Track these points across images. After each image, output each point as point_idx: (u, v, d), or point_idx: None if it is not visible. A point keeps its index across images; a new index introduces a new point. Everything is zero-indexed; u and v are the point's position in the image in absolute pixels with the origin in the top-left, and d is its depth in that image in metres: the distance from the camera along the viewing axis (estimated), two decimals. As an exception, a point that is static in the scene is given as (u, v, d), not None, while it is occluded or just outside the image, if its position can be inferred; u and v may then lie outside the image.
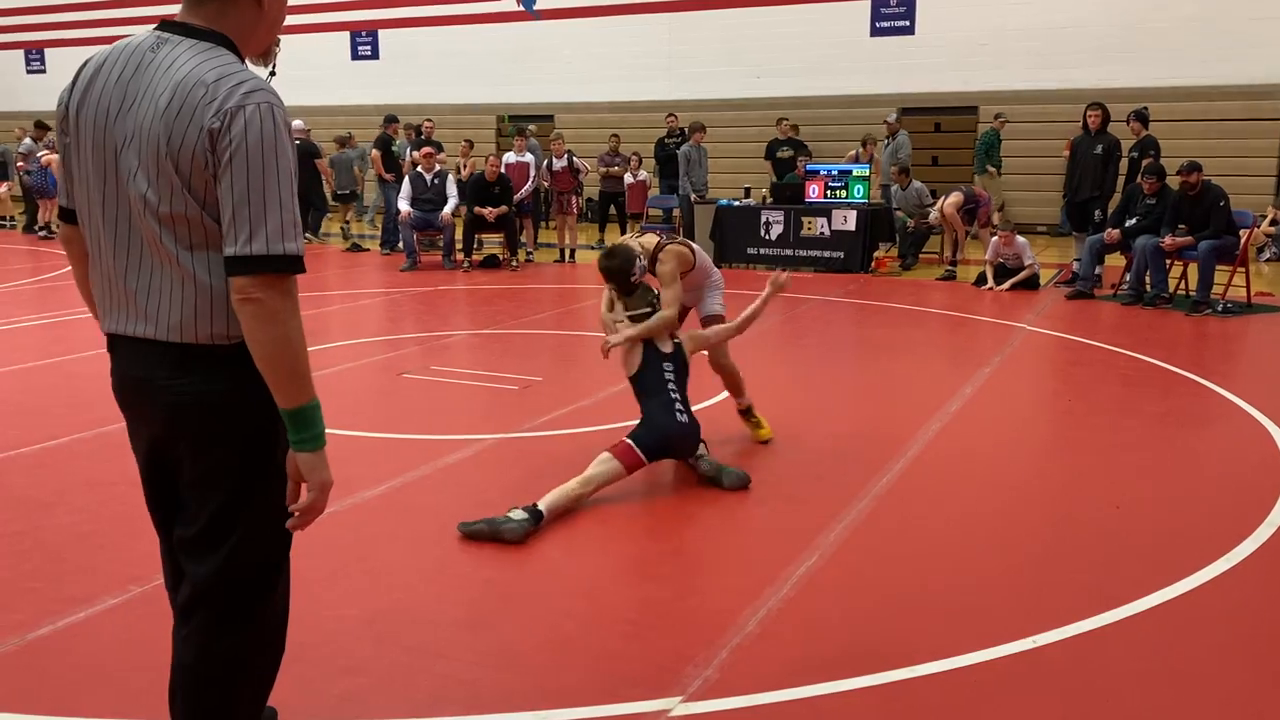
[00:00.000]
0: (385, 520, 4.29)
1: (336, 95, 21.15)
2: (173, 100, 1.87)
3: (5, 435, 5.39)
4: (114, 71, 1.96)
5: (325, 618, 3.36)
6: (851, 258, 12.16)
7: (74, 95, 2.01)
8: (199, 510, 2.04)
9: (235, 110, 1.85)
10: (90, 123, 1.97)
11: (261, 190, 1.86)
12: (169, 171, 1.88)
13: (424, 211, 12.80)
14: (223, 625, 2.09)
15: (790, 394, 6.58)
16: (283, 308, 1.88)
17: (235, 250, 1.87)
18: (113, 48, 2.02)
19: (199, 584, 2.06)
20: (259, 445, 2.04)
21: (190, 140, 1.86)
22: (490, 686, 2.96)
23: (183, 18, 1.99)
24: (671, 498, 4.58)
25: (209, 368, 1.97)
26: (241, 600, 2.09)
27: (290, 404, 1.94)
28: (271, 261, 1.87)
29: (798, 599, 3.52)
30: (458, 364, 7.34)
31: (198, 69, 1.88)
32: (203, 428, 1.99)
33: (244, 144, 1.85)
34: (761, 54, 17.70)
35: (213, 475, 2.02)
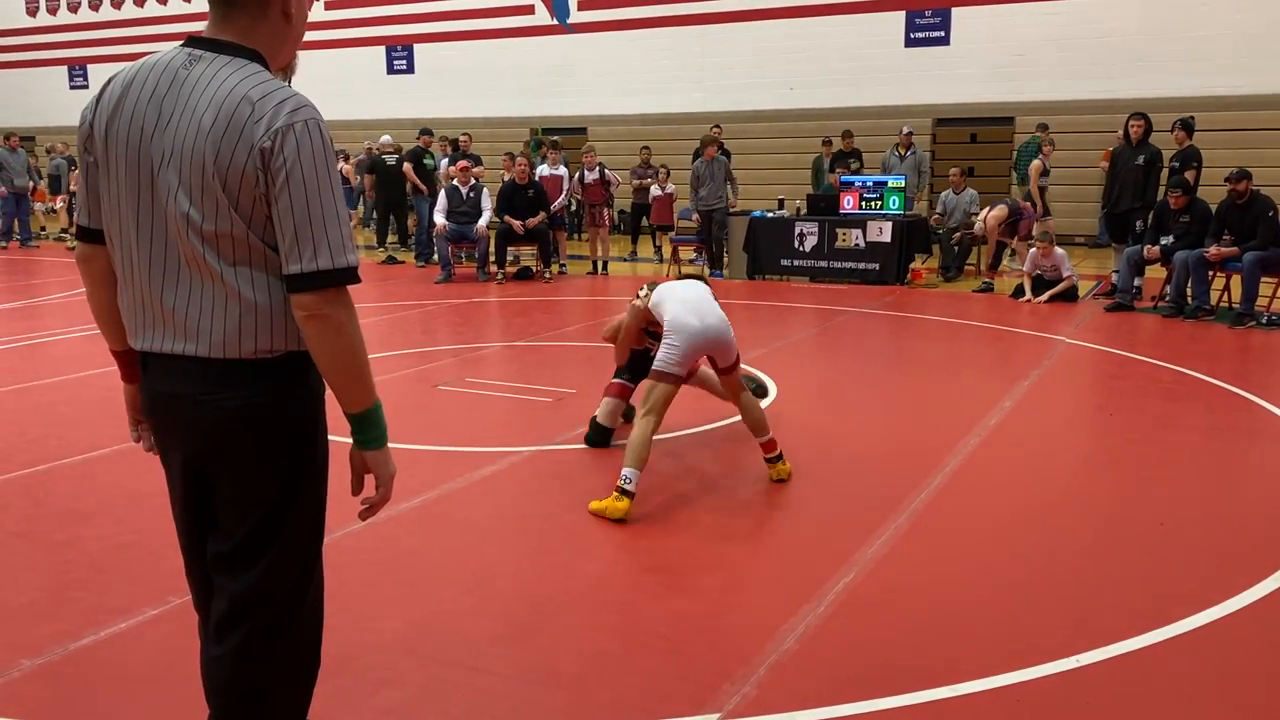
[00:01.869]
0: (422, 533, 4.30)
1: (372, 109, 21.36)
2: (218, 118, 1.87)
3: (49, 446, 5.46)
4: (146, 88, 1.94)
5: (363, 630, 3.37)
6: (887, 269, 12.08)
7: (100, 112, 2.00)
8: (236, 525, 2.03)
9: (285, 129, 1.86)
10: (123, 140, 1.95)
11: (320, 207, 1.89)
12: (215, 190, 1.88)
13: (459, 224, 12.88)
14: (260, 641, 2.08)
15: (826, 407, 6.54)
16: (347, 319, 1.93)
17: (301, 268, 1.88)
18: (140, 65, 2.01)
19: (236, 599, 2.06)
20: (299, 458, 2.05)
21: (240, 159, 1.86)
22: (527, 702, 2.95)
23: (212, 34, 1.98)
24: (707, 512, 4.56)
25: (251, 383, 1.97)
26: (278, 614, 2.09)
27: (357, 408, 2.01)
28: (335, 275, 1.90)
29: (836, 615, 3.48)
30: (492, 376, 7.36)
31: (240, 86, 1.89)
32: (244, 442, 1.99)
33: (298, 163, 1.87)
34: (794, 66, 17.68)
35: (252, 489, 2.02)
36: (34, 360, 7.91)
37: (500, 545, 4.20)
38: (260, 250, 1.93)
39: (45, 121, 24.07)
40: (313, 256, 1.88)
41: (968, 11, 16.55)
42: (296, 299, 1.91)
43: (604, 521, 4.37)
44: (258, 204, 1.90)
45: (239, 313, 1.93)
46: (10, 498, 4.68)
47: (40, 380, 7.12)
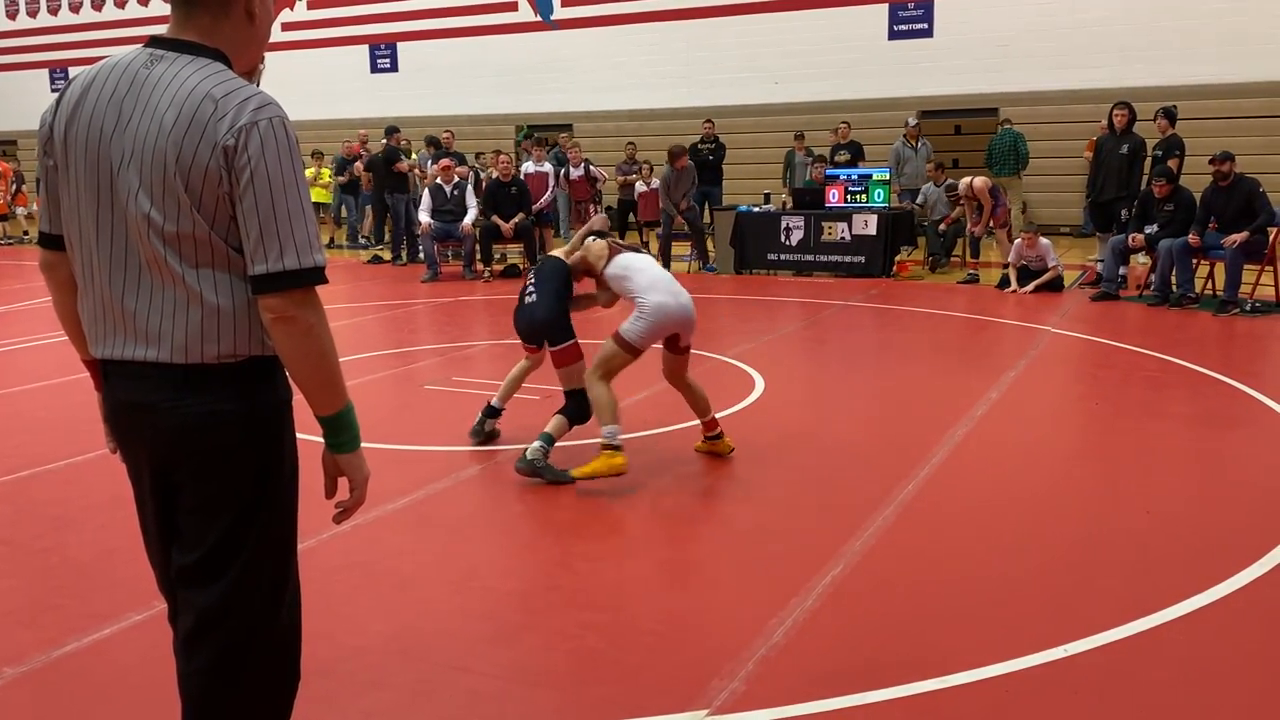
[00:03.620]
0: (408, 533, 4.28)
1: (356, 108, 21.25)
2: (180, 116, 1.83)
3: (32, 451, 5.42)
4: (105, 89, 1.91)
5: (350, 633, 3.35)
6: (872, 262, 12.09)
7: (59, 115, 1.95)
8: (202, 536, 1.97)
9: (249, 127, 1.83)
10: (82, 142, 1.91)
11: (285, 206, 1.85)
12: (177, 190, 1.84)
13: (444, 223, 12.84)
14: (231, 656, 2.01)
15: (813, 400, 6.54)
16: (316, 321, 1.90)
17: (267, 268, 1.84)
18: (100, 66, 1.96)
19: (203, 614, 1.99)
20: (265, 466, 2.00)
21: (203, 157, 1.83)
22: (516, 701, 2.94)
23: (174, 34, 1.94)
24: (693, 507, 4.55)
25: (214, 388, 1.92)
26: (249, 628, 2.02)
27: (328, 411, 1.97)
28: (302, 276, 1.87)
29: (824, 609, 3.48)
30: (480, 374, 7.34)
31: (202, 84, 1.85)
32: (208, 449, 1.93)
33: (263, 161, 1.83)
34: (779, 60, 17.66)
35: (217, 498, 1.96)
36: (14, 365, 7.85)
37: (488, 544, 4.19)
38: (223, 252, 1.89)
39: (28, 124, 23.85)
40: (279, 256, 1.84)
41: (951, 3, 16.57)
42: (263, 301, 1.87)
43: (590, 519, 4.36)
44: (221, 204, 1.86)
45: (200, 316, 1.89)
46: (-7, 504, 4.64)
47: (21, 386, 7.06)
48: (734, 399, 6.30)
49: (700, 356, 7.63)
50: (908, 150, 14.43)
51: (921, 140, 14.48)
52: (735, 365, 7.34)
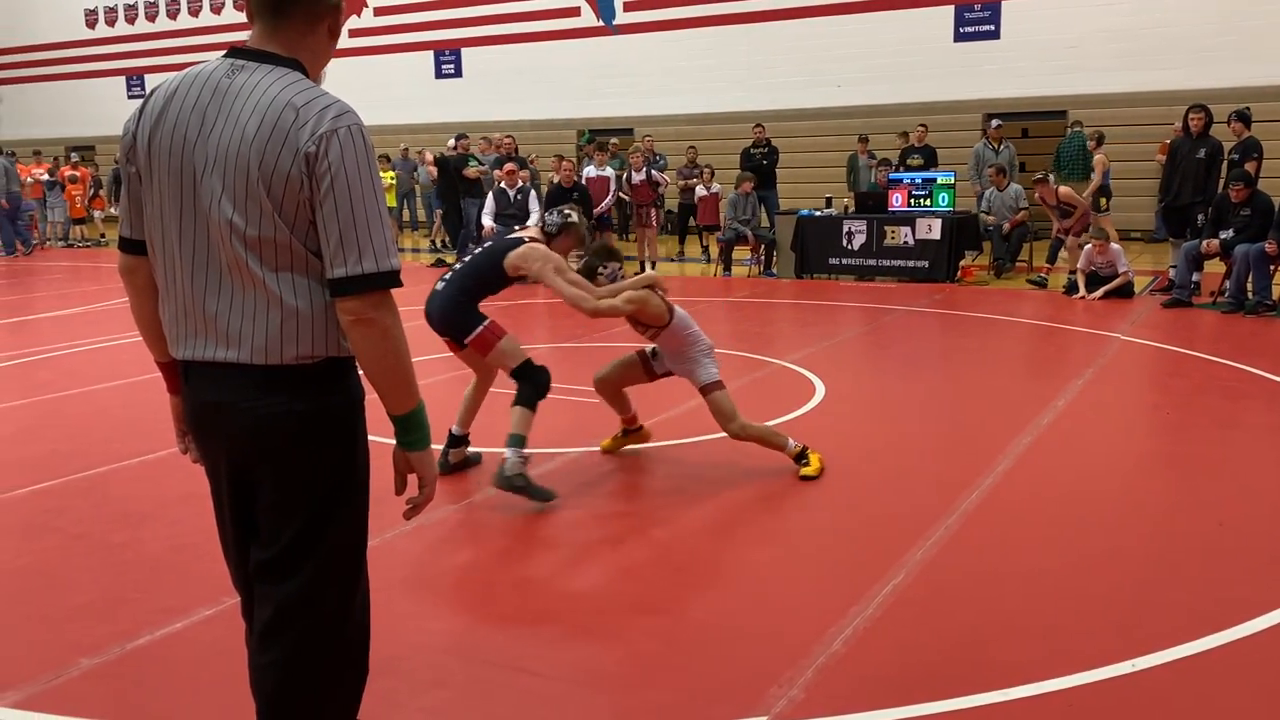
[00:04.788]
0: (469, 533, 4.33)
1: (420, 114, 21.55)
2: (262, 124, 1.88)
3: (108, 449, 5.58)
4: (189, 98, 1.96)
5: (410, 631, 3.40)
6: (937, 267, 11.94)
7: (143, 123, 2.01)
8: (279, 532, 2.03)
9: (329, 134, 1.88)
10: (165, 149, 1.97)
11: (364, 212, 1.90)
12: (259, 195, 1.89)
13: (507, 227, 12.93)
14: (305, 649, 2.07)
15: (875, 406, 6.48)
16: (392, 323, 1.95)
17: (346, 272, 1.90)
18: (183, 75, 2.02)
19: (280, 607, 2.05)
20: (340, 464, 2.06)
21: (285, 165, 1.88)
22: (573, 703, 2.96)
23: (257, 44, 2.00)
24: (751, 512, 4.53)
25: (293, 389, 1.98)
26: (324, 620, 2.08)
27: (401, 410, 2.02)
28: (379, 279, 1.92)
29: (885, 618, 3.45)
30: (540, 377, 7.37)
31: (284, 92, 1.90)
32: (285, 449, 1.99)
33: (342, 168, 1.88)
34: (841, 63, 17.53)
35: (294, 496, 2.02)
36: (92, 364, 8.09)
37: (546, 546, 4.22)
38: (303, 255, 1.94)
39: (105, 130, 24.59)
40: (357, 261, 1.89)
41: (1018, 4, 16.30)
42: (342, 303, 1.92)
43: (647, 523, 4.36)
44: (301, 209, 1.91)
45: (280, 318, 1.94)
46: (70, 500, 4.79)
47: (99, 384, 7.28)
48: (793, 404, 6.26)
49: (759, 361, 7.61)
50: (989, 152, 14.16)
51: (1005, 143, 14.20)
52: (795, 370, 7.29)
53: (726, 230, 13.44)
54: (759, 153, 14.95)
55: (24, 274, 15.29)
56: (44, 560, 4.07)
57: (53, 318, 10.83)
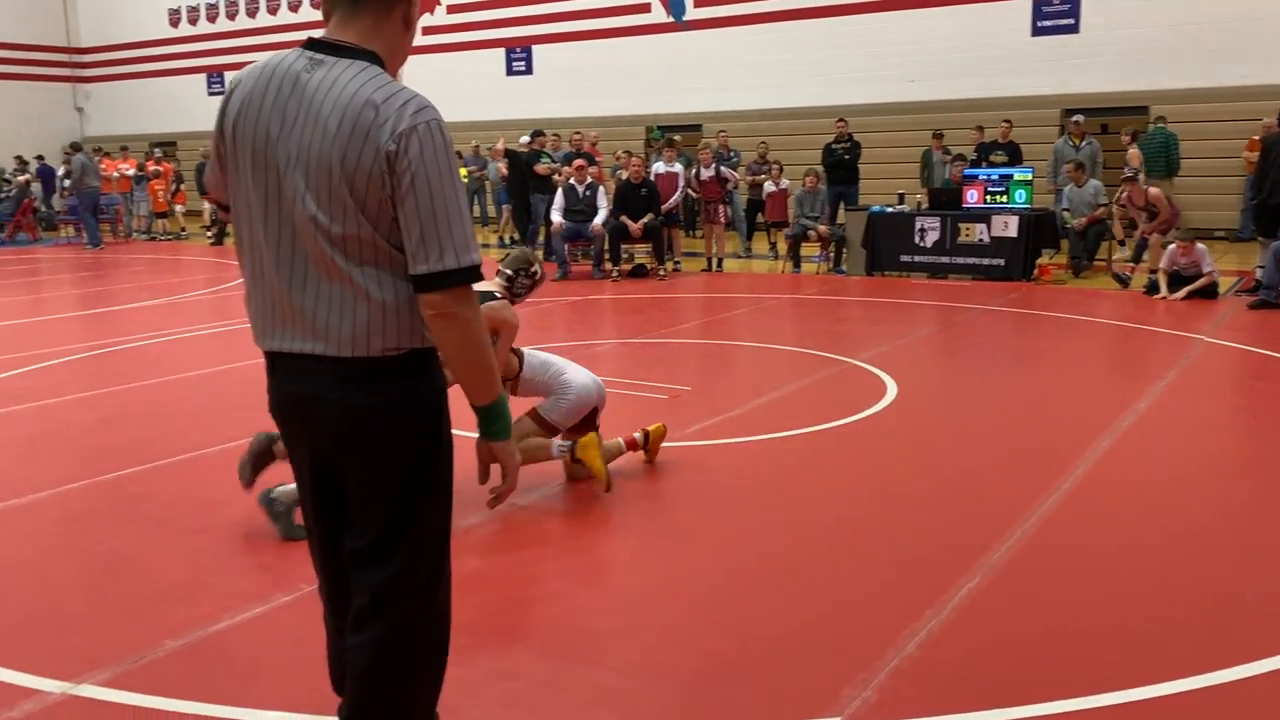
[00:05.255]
0: (537, 526, 4.35)
1: (491, 111, 21.73)
2: (343, 122, 1.89)
3: (188, 437, 5.73)
4: (269, 93, 1.98)
5: (484, 621, 3.42)
6: (1013, 265, 11.71)
7: (227, 116, 2.03)
8: (370, 521, 2.07)
9: (409, 131, 1.89)
10: (248, 145, 1.99)
11: (444, 208, 1.92)
12: (343, 194, 1.91)
13: (575, 223, 13.02)
14: (399, 631, 2.12)
15: (949, 407, 6.37)
16: (473, 316, 1.97)
17: (428, 268, 1.92)
18: (261, 68, 2.03)
19: (377, 592, 2.09)
20: (427, 453, 2.09)
21: (366, 162, 1.89)
22: (644, 698, 2.95)
23: (333, 35, 2.01)
24: (822, 512, 4.48)
25: (379, 380, 2.01)
26: (416, 604, 2.13)
27: (484, 400, 2.05)
28: (460, 274, 1.94)
29: (960, 621, 3.39)
30: (607, 372, 7.38)
31: (363, 89, 1.91)
32: (374, 440, 2.02)
33: (422, 165, 1.89)
34: (915, 57, 17.27)
35: (385, 485, 2.05)
36: (174, 354, 8.30)
37: (617, 539, 4.23)
38: (386, 251, 1.96)
39: (187, 126, 25.24)
40: (439, 257, 1.91)
41: (1098, -2, 15.91)
42: (424, 298, 1.94)
43: (716, 521, 4.35)
44: (384, 206, 1.92)
45: (368, 312, 1.96)
46: (152, 486, 4.92)
47: (180, 374, 7.47)
48: (865, 403, 6.19)
49: (830, 360, 7.54)
50: (1069, 148, 13.83)
51: (1088, 139, 13.85)
52: (867, 369, 7.21)
53: (794, 226, 13.34)
54: (841, 148, 14.75)
55: (109, 266, 15.77)
56: (129, 545, 4.19)
57: (135, 309, 11.14)
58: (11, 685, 3.03)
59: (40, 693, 2.99)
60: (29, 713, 2.89)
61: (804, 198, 13.27)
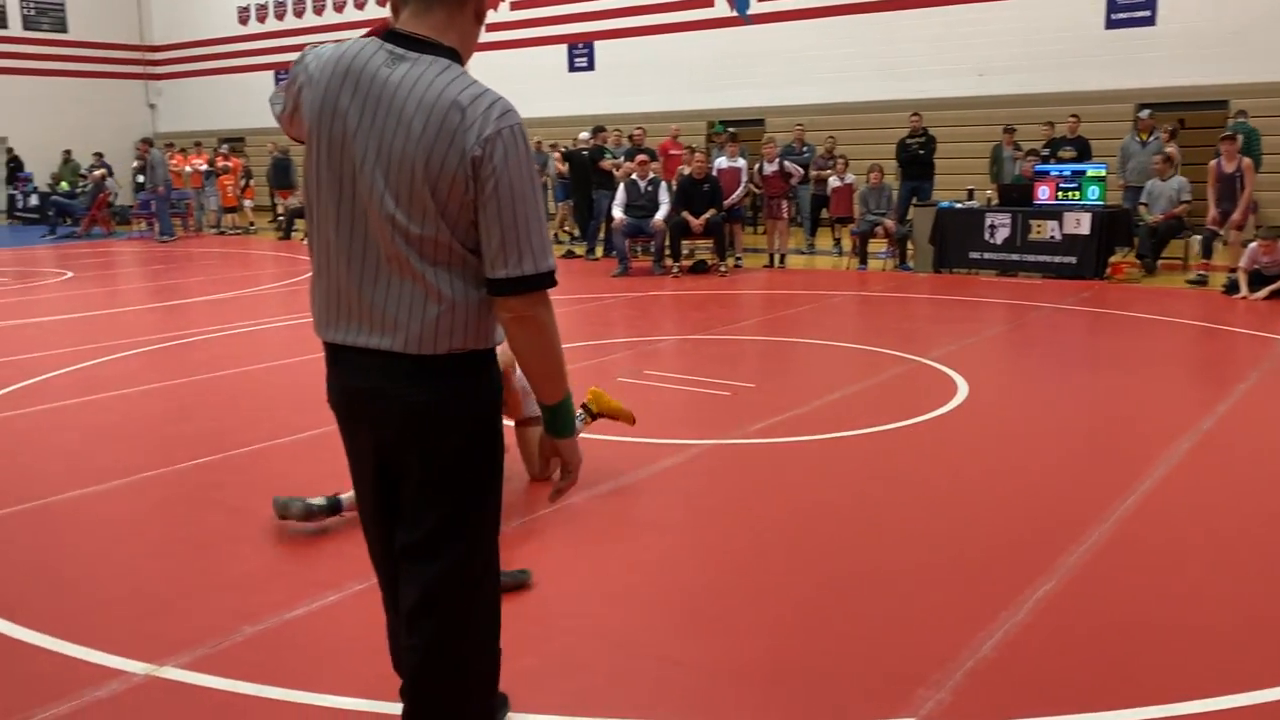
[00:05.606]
0: (604, 521, 4.35)
1: (553, 107, 21.81)
2: (428, 125, 1.88)
3: (261, 427, 5.83)
4: (345, 86, 1.96)
5: (552, 615, 3.44)
6: (1085, 263, 11.45)
7: (313, 95, 2.00)
8: (425, 516, 2.06)
9: (494, 137, 1.88)
10: (324, 137, 1.98)
11: (525, 214, 1.92)
12: (424, 196, 1.90)
13: (636, 218, 13.01)
14: (451, 626, 2.11)
15: (1020, 407, 6.25)
16: (549, 319, 1.99)
17: (507, 273, 1.92)
18: (339, 56, 1.99)
19: (426, 589, 2.08)
20: (484, 450, 2.09)
21: (450, 166, 1.89)
22: (714, 695, 2.94)
23: (410, 28, 1.99)
24: (894, 510, 4.43)
25: (442, 377, 2.00)
26: (468, 600, 2.12)
27: (553, 399, 2.07)
28: (538, 280, 1.95)
29: (1036, 624, 3.32)
30: (669, 369, 7.39)
31: (448, 90, 1.90)
32: (433, 436, 2.02)
33: (506, 171, 1.89)
34: (985, 51, 16.98)
35: (442, 481, 2.05)
36: (243, 346, 8.47)
37: (682, 536, 4.21)
38: (460, 253, 1.96)
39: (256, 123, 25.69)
40: (518, 263, 1.92)
41: (1176, -11, 15.49)
42: (502, 302, 1.95)
43: (788, 519, 4.31)
44: (464, 210, 1.92)
45: (439, 311, 1.96)
46: (228, 475, 5.02)
47: (252, 366, 7.61)
48: (935, 403, 6.10)
49: (898, 358, 7.45)
50: (1135, 144, 13.50)
51: (1155, 133, 13.51)
52: (936, 368, 7.11)
53: (861, 222, 13.20)
54: (915, 143, 14.54)
55: (181, 259, 16.13)
56: (206, 532, 4.28)
57: (207, 301, 11.39)
58: (100, 666, 3.12)
59: (125, 673, 3.07)
60: (116, 692, 2.97)
61: (868, 194, 13.12)
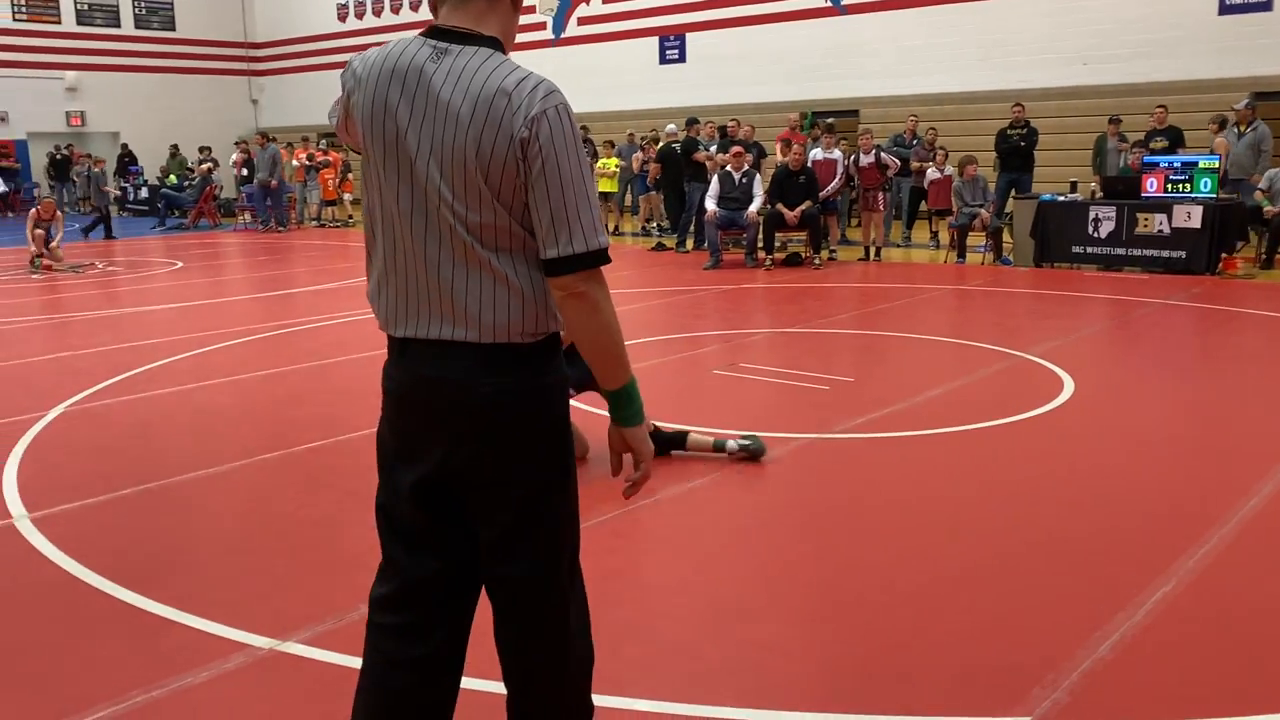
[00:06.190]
0: (709, 513, 4.37)
1: (644, 100, 21.87)
2: (475, 113, 1.90)
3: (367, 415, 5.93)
4: (392, 86, 1.98)
5: (657, 603, 3.47)
6: (1195, 258, 11.06)
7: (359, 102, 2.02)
8: (503, 511, 2.04)
9: (540, 116, 1.89)
10: (379, 136, 1.99)
11: (574, 192, 1.92)
12: (478, 183, 1.92)
13: (729, 210, 12.98)
14: (543, 622, 2.10)
15: (1130, 405, 6.08)
16: (602, 297, 1.97)
17: (559, 251, 1.93)
18: (384, 57, 2.01)
19: (517, 587, 2.08)
20: (559, 438, 2.07)
21: (500, 151, 1.90)
22: (824, 687, 2.93)
23: (450, 22, 2.00)
24: (1002, 507, 4.35)
25: (515, 365, 2.00)
26: (558, 590, 2.11)
27: (616, 384, 2.03)
28: (591, 257, 1.94)
29: (1155, 627, 3.23)
30: (765, 362, 7.37)
31: (492, 76, 1.92)
32: (514, 423, 2.00)
33: (553, 150, 1.90)
34: (1089, 39, 16.50)
35: (522, 469, 2.03)
36: (354, 335, 8.68)
37: (789, 531, 4.20)
38: (520, 236, 1.97)
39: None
40: (569, 241, 1.92)
41: (1295, -29, 14.84)
42: (555, 281, 1.95)
43: (893, 514, 4.27)
44: (518, 192, 1.94)
45: (509, 297, 1.97)
46: (341, 458, 5.17)
47: (359, 354, 7.80)
48: (1041, 399, 5.97)
49: (999, 353, 7.31)
50: (1233, 134, 13.02)
51: (1254, 124, 12.99)
52: (1040, 364, 6.95)
53: (960, 215, 12.95)
54: (1016, 134, 14.20)
55: (284, 250, 16.62)
56: (322, 513, 4.42)
57: (311, 291, 11.72)
58: (226, 639, 3.25)
59: (250, 647, 3.19)
60: (241, 665, 3.09)
61: (963, 186, 12.85)
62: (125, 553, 4.00)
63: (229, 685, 2.99)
